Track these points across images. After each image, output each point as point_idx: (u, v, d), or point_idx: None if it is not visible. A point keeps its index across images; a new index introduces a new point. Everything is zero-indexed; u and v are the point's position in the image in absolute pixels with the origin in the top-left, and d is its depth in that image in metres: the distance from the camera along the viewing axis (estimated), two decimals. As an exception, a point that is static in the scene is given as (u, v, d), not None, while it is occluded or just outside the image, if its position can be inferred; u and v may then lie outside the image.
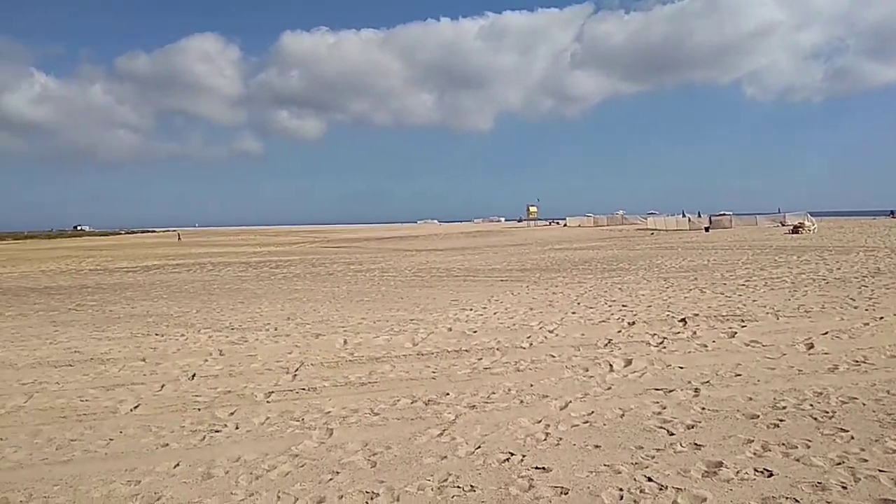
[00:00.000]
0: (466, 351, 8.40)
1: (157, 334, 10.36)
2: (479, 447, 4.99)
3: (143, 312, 12.97)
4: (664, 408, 5.79)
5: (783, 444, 4.80)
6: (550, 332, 9.48)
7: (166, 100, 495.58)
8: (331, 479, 4.42)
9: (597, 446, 4.92)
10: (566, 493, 4.11)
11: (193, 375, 7.51)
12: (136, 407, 6.33)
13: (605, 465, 4.55)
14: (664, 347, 8.22)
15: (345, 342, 9.25)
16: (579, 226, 77.59)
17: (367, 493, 4.20)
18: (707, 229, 49.55)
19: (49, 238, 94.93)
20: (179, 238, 71.92)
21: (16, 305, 14.68)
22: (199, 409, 6.16)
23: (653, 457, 4.67)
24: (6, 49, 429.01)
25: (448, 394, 6.46)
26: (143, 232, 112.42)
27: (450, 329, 10.00)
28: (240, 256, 33.66)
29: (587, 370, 7.21)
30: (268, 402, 6.37)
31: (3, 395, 6.95)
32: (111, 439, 5.40)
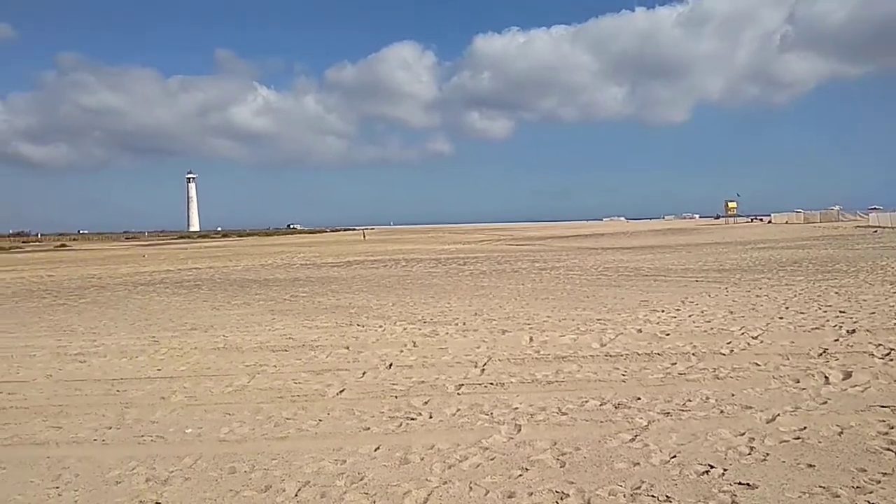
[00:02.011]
0: (658, 354, 8.04)
1: (358, 325, 11.15)
2: (675, 456, 4.75)
3: (346, 304, 14.04)
4: (892, 427, 5.10)
5: None
6: (754, 338, 8.76)
7: (369, 107, 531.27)
8: (520, 475, 4.46)
9: (810, 465, 4.46)
10: (775, 515, 3.77)
11: (391, 365, 7.98)
12: (341, 391, 6.87)
13: (819, 486, 4.11)
14: (891, 360, 7.24)
15: (530, 339, 9.28)
16: (786, 222, 70.97)
17: (556, 492, 4.18)
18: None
19: (267, 235, 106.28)
20: (364, 237, 77.14)
21: (240, 296, 16.60)
22: (395, 397, 6.54)
23: (878, 482, 4.13)
24: (234, 65, 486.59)
25: (639, 398, 6.22)
26: (345, 230, 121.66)
27: (639, 331, 9.63)
28: (430, 253, 35.18)
29: (798, 381, 6.55)
30: (458, 394, 6.58)
31: (231, 374, 7.88)
32: (320, 420, 5.91)
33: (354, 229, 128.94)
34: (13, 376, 8.09)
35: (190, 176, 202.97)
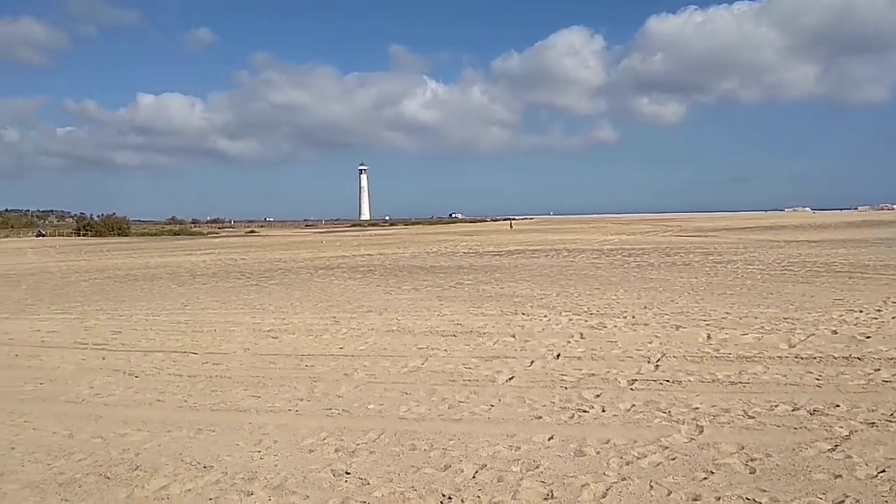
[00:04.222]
0: (859, 359, 7.25)
1: (523, 314, 11.19)
2: (884, 471, 4.27)
3: (510, 293, 14.14)
4: None
5: None
6: (980, 346, 7.63)
7: (533, 95, 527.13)
8: (705, 478, 4.24)
9: None
10: None
11: (559, 355, 7.92)
12: (510, 379, 6.94)
13: None
14: None
15: (708, 337, 8.77)
16: None
17: (747, 499, 3.92)
18: None
19: (430, 224, 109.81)
20: (511, 226, 77.14)
21: (409, 281, 17.30)
22: (566, 388, 6.48)
23: None
24: (406, 60, 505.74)
25: (838, 405, 5.65)
26: (504, 220, 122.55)
27: (835, 332, 8.75)
28: (592, 244, 34.43)
29: None
30: (631, 389, 6.38)
31: (405, 355, 8.25)
32: (492, 406, 6.01)
33: (514, 219, 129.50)
34: (217, 348, 9.06)
35: (362, 167, 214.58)
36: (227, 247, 44.10)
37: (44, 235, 75.93)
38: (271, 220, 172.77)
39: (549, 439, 5.05)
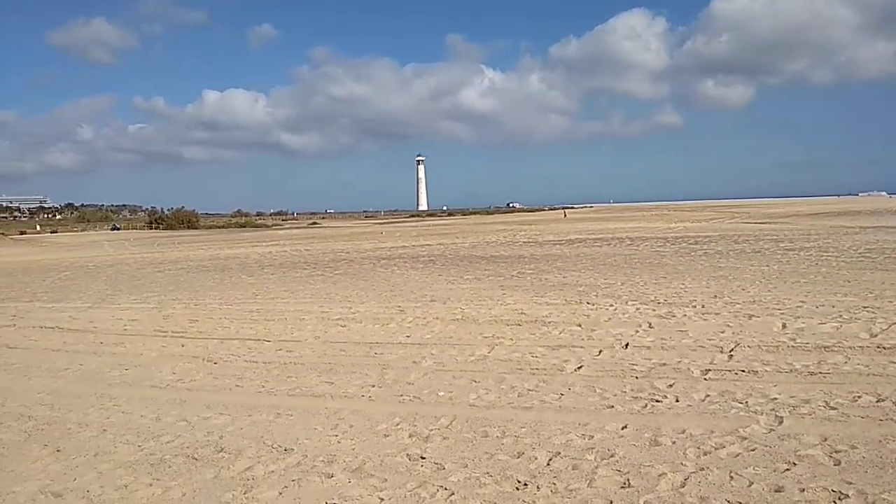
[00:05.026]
0: (949, 350, 6.91)
1: (588, 303, 11.09)
2: (982, 468, 4.08)
3: (573, 282, 14.02)
4: None
5: None
6: None
7: (592, 81, 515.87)
8: (787, 470, 4.14)
9: None
10: None
11: (627, 345, 7.83)
12: (578, 367, 6.91)
13: None
14: None
15: (783, 326, 8.51)
16: None
17: (833, 491, 3.82)
18: None
19: (488, 214, 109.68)
20: (566, 215, 76.07)
21: (471, 271, 17.36)
22: (636, 378, 6.41)
23: None
24: (463, 49, 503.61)
25: (928, 398, 5.42)
26: (563, 208, 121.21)
27: (921, 321, 8.35)
28: (655, 232, 33.71)
29: None
30: (705, 379, 6.26)
31: (471, 344, 8.31)
32: (562, 394, 6.01)
33: (572, 207, 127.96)
34: (289, 336, 9.34)
35: (419, 158, 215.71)
36: (291, 238, 45.20)
37: (119, 229, 79.45)
38: (332, 211, 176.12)
39: (622, 428, 5.02)
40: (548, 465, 4.41)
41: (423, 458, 4.63)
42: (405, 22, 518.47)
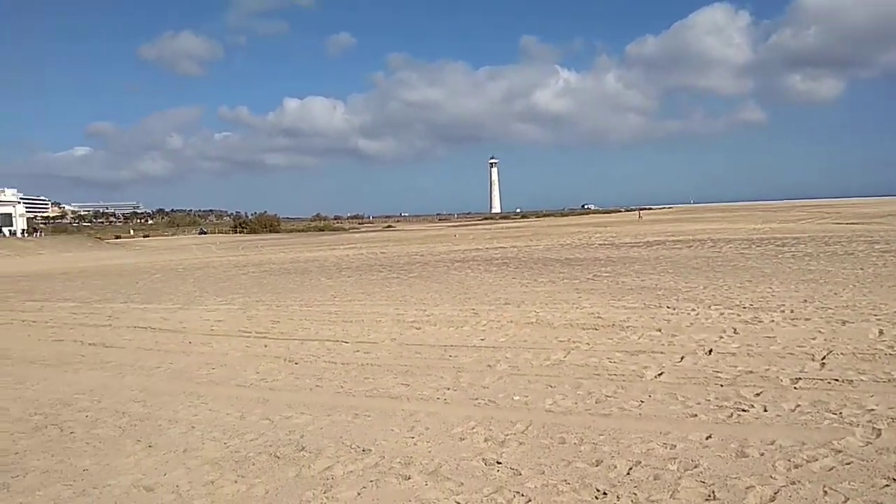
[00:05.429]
0: None
1: (668, 307, 10.77)
2: None
3: (652, 285, 13.65)
4: None
5: None
6: None
7: (671, 79, 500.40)
8: (886, 486, 3.89)
9: None
10: None
11: (710, 351, 7.56)
12: (659, 374, 6.72)
13: None
14: None
15: (880, 332, 8.01)
16: None
17: (940, 513, 3.56)
18: None
19: (562, 216, 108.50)
20: (640, 216, 73.91)
21: (545, 274, 17.19)
22: (721, 385, 6.18)
23: None
24: (537, 50, 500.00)
25: None
26: (638, 209, 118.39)
27: None
28: (739, 233, 32.40)
29: None
30: (795, 388, 5.96)
31: (546, 348, 8.22)
32: (642, 401, 5.85)
33: (650, 208, 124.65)
34: (366, 338, 9.51)
35: (492, 161, 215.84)
36: (367, 241, 46.09)
37: (205, 233, 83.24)
38: (406, 215, 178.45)
39: (706, 438, 4.85)
40: (628, 474, 4.31)
41: (499, 463, 4.61)
42: (479, 25, 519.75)
